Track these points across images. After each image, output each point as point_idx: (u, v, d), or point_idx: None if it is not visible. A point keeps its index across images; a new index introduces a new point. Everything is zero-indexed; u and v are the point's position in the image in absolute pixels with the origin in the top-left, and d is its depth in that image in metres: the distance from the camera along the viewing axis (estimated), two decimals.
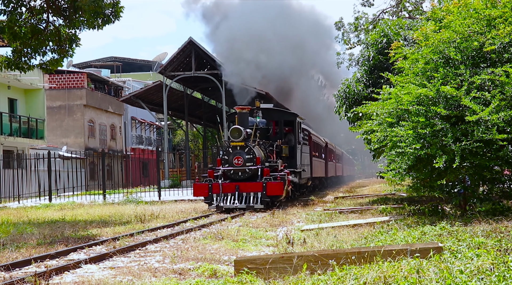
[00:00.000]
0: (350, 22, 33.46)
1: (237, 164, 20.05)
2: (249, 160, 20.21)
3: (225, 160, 20.34)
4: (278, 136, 23.73)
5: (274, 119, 24.26)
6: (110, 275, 7.79)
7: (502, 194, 12.58)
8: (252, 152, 20.24)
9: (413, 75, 12.43)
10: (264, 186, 19.70)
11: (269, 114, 24.11)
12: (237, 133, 20.21)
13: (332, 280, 6.20)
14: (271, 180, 19.79)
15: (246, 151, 20.21)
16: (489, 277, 5.75)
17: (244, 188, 19.92)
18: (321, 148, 38.49)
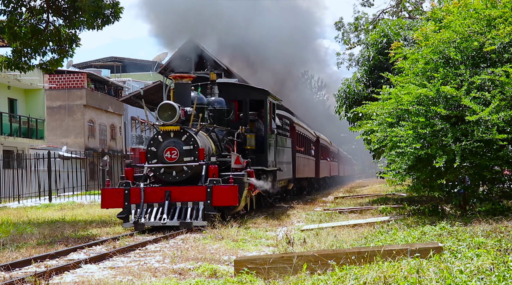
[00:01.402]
0: (350, 22, 33.51)
1: (170, 159, 14.13)
2: (187, 153, 14.15)
3: (152, 154, 14.34)
4: (242, 121, 17.84)
5: (236, 98, 18.21)
6: (110, 275, 7.79)
7: (502, 194, 12.59)
8: (192, 141, 14.19)
9: (413, 75, 12.43)
10: (209, 192, 13.58)
11: (229, 91, 18.07)
12: (169, 112, 14.10)
13: (332, 280, 6.20)
14: (220, 183, 13.79)
15: (183, 139, 14.18)
16: (489, 277, 5.75)
17: (179, 195, 13.77)
18: (310, 142, 32.22)
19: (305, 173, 28.94)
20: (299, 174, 26.26)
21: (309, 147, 31.34)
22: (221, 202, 13.72)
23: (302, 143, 28.20)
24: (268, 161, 18.22)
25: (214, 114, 16.66)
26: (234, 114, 18.05)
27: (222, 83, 18.40)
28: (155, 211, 13.63)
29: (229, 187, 13.75)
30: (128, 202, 13.87)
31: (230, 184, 13.87)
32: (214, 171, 14.10)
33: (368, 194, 27.25)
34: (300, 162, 26.78)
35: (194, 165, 14.19)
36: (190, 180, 14.27)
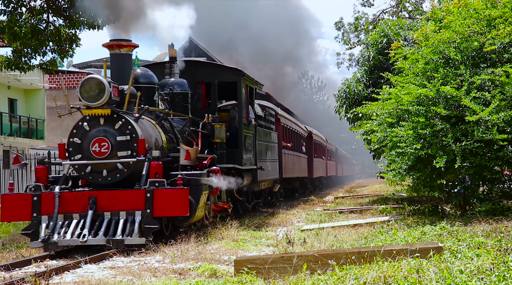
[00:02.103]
0: (350, 22, 33.52)
1: (99, 153, 10.87)
2: (123, 146, 10.92)
3: (75, 147, 11.12)
4: (210, 108, 14.78)
5: (203, 80, 15.03)
6: (110, 275, 7.79)
7: (502, 194, 12.58)
8: (129, 129, 10.95)
9: (413, 75, 12.43)
10: (149, 198, 10.38)
11: (194, 71, 14.98)
12: (95, 90, 10.82)
13: (332, 280, 6.20)
14: (165, 186, 10.59)
15: (117, 127, 10.95)
16: (489, 277, 5.75)
17: (108, 202, 10.51)
18: (301, 138, 29.10)
19: (295, 172, 25.96)
20: (288, 173, 23.27)
21: (299, 143, 28.20)
22: (165, 211, 10.43)
23: (289, 138, 25.02)
24: (243, 157, 14.98)
25: (173, 98, 13.62)
26: (201, 99, 14.87)
27: (185, 62, 14.84)
28: (73, 225, 10.26)
29: (175, 191, 10.43)
30: (37, 212, 10.47)
31: (178, 187, 10.54)
32: (156, 169, 10.72)
33: (368, 194, 27.25)
34: (288, 160, 23.69)
35: (132, 162, 10.85)
36: (127, 182, 10.93)
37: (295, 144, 26.83)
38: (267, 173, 18.09)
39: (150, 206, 10.38)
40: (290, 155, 24.35)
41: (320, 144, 38.34)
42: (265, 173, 17.58)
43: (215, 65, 16.45)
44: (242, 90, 15.27)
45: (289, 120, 25.72)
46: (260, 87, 18.58)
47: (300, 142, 28.99)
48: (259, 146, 16.99)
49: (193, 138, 13.50)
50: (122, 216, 10.42)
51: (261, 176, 17.18)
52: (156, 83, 12.74)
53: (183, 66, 14.70)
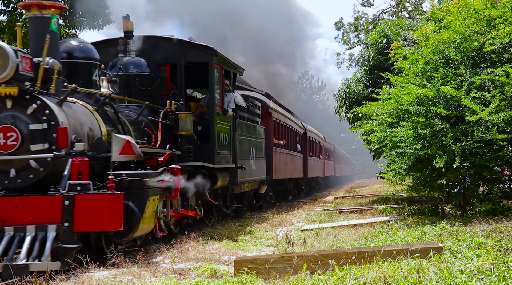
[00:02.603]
0: (350, 22, 33.57)
1: (4, 147, 8.35)
2: (36, 138, 8.41)
3: None
4: (176, 95, 12.50)
5: (167, 60, 12.70)
6: (110, 275, 7.79)
7: (502, 194, 12.59)
8: (47, 114, 8.39)
9: (413, 75, 12.44)
10: (68, 208, 7.91)
11: (157, 49, 12.65)
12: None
13: (332, 280, 6.20)
14: (91, 190, 8.09)
15: (30, 112, 8.39)
16: (489, 277, 5.75)
17: (10, 214, 7.99)
18: (296, 135, 27.11)
19: (289, 172, 23.81)
20: (278, 174, 21.21)
21: (293, 141, 26.00)
22: (90, 224, 7.94)
23: (282, 135, 22.94)
24: (215, 154, 12.79)
25: (127, 81, 11.62)
26: (165, 84, 12.59)
27: (144, 38, 12.51)
28: None
29: (104, 198, 7.94)
30: None
31: (108, 192, 8.04)
32: (80, 167, 8.12)
33: (368, 194, 27.25)
34: (280, 158, 21.64)
35: (50, 158, 8.29)
36: (45, 185, 8.35)
37: (289, 142, 24.77)
38: (251, 173, 16.06)
39: (69, 218, 7.83)
40: (282, 154, 22.31)
41: (317, 143, 36.32)
42: (247, 173, 15.48)
43: (180, 42, 13.05)
44: (214, 72, 12.93)
45: (282, 115, 23.31)
46: (240, 72, 15.79)
47: (294, 139, 26.76)
48: (240, 141, 14.81)
49: (151, 130, 11.16)
50: (30, 232, 7.78)
51: (243, 177, 14.97)
52: (96, 59, 10.19)
53: (142, 43, 12.40)
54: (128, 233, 8.51)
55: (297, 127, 27.79)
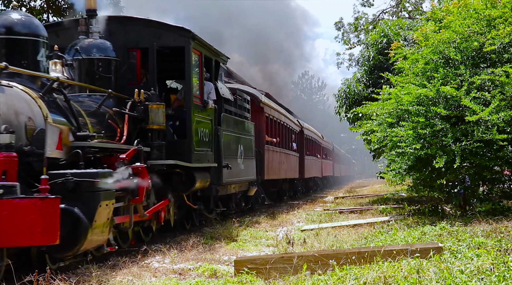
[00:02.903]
0: (350, 22, 33.57)
1: None
2: None
3: None
4: (148, 84, 11.05)
5: (138, 44, 11.18)
6: (110, 276, 7.79)
7: (502, 194, 12.59)
8: None
9: (413, 75, 12.44)
10: None
11: (126, 31, 11.16)
12: None
13: (332, 280, 6.20)
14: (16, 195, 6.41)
15: None
16: (489, 277, 5.75)
17: None
18: (291, 133, 26.00)
19: (283, 172, 22.60)
20: (271, 174, 20.12)
21: (288, 139, 24.74)
22: (15, 237, 6.37)
23: (276, 132, 21.63)
24: (193, 152, 11.28)
25: (88, 66, 10.12)
26: (135, 71, 11.12)
27: (111, 19, 10.94)
28: None
29: (32, 203, 6.40)
30: None
31: (39, 196, 6.54)
32: (3, 165, 6.60)
33: (368, 194, 27.26)
34: (273, 157, 20.44)
35: None
36: None
37: (284, 140, 23.51)
38: (239, 172, 14.66)
39: None
40: (275, 153, 21.02)
41: (315, 141, 34.92)
42: (234, 173, 14.05)
43: (151, 23, 11.45)
44: (191, 58, 11.31)
45: (276, 111, 21.68)
46: (224, 61, 14.24)
47: (290, 137, 25.41)
48: (225, 138, 13.33)
49: (116, 123, 9.69)
50: None
51: (229, 177, 13.61)
52: (42, 35, 8.48)
53: (107, 24, 10.81)
54: (73, 246, 6.98)
55: (293, 125, 26.46)
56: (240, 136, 15.15)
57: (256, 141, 17.73)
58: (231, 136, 14.15)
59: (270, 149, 20.34)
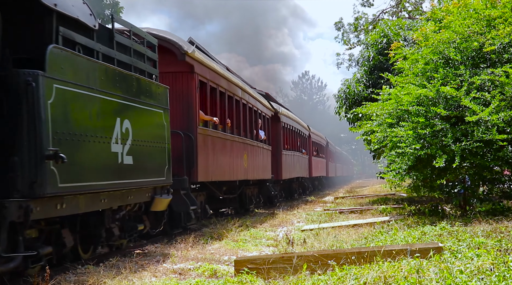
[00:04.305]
0: (350, 23, 33.59)
1: None
2: None
3: None
4: None
5: None
6: (109, 275, 7.79)
7: (502, 194, 12.58)
8: None
9: (413, 75, 12.44)
10: None
11: None
12: None
13: (332, 280, 6.20)
14: None
15: None
16: (489, 277, 5.75)
17: None
18: (256, 116, 19.38)
19: (240, 171, 16.39)
20: (216, 173, 14.04)
21: (251, 124, 18.38)
22: None
23: (223, 109, 15.12)
24: None
25: None
26: None
27: None
28: None
29: None
30: None
31: None
32: None
33: (368, 194, 27.27)
34: (215, 147, 14.01)
35: None
36: None
37: (242, 124, 17.23)
38: (113, 172, 8.22)
39: None
40: (225, 142, 14.98)
41: (299, 133, 28.37)
42: (89, 173, 7.56)
43: None
44: None
45: (223, 78, 14.99)
46: None
47: (255, 122, 19.27)
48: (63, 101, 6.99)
49: None
50: None
51: (72, 179, 7.10)
52: None
53: None
54: None
55: (259, 106, 19.90)
56: (123, 102, 8.64)
57: (179, 120, 12.41)
58: (84, 99, 7.54)
59: (210, 134, 13.67)
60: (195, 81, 13.01)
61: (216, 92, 14.80)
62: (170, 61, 12.42)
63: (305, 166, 30.22)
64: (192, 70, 12.95)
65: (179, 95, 12.73)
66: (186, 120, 12.72)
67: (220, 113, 15.08)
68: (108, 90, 8.29)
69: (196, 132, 12.83)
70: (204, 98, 13.80)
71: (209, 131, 13.81)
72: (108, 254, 9.60)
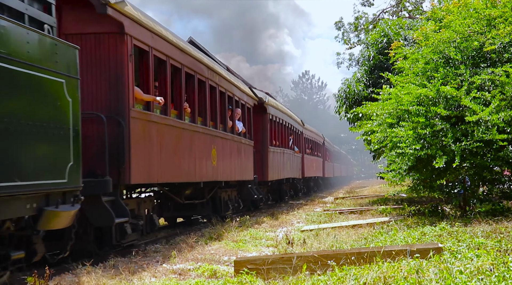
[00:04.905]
0: (350, 22, 33.59)
1: None
2: None
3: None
4: None
5: None
6: (109, 275, 7.78)
7: (502, 195, 12.58)
8: None
9: (413, 75, 12.43)
10: None
11: None
12: None
13: (332, 280, 6.19)
14: None
15: None
16: (489, 277, 5.74)
17: None
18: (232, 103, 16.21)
19: (196, 172, 12.50)
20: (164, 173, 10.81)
21: (219, 111, 14.59)
22: None
23: (178, 89, 11.88)
24: None
25: None
26: None
27: None
28: None
29: None
30: None
31: None
32: None
33: (368, 194, 27.26)
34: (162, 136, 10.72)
35: None
36: None
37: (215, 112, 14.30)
38: None
39: None
40: (174, 130, 11.39)
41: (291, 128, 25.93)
42: None
43: None
44: None
45: (177, 48, 11.61)
46: None
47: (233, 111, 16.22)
48: None
49: None
50: None
51: None
52: None
53: None
54: None
55: (238, 93, 16.73)
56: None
57: (102, 99, 9.43)
58: None
59: (155, 121, 10.49)
60: (126, 45, 9.58)
61: (166, 66, 11.26)
62: (91, 18, 9.39)
63: (297, 165, 27.17)
64: (121, 30, 9.54)
65: (102, 64, 9.48)
66: (112, 99, 9.43)
67: (176, 95, 11.85)
68: None
69: (128, 116, 9.46)
70: (145, 71, 10.42)
71: (153, 116, 10.46)
72: (108, 254, 9.58)
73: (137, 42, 10.02)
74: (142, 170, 9.93)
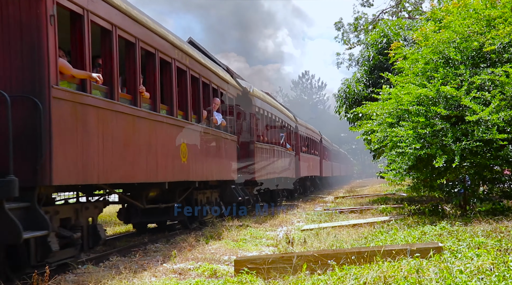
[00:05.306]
0: (349, 23, 33.62)
1: None
2: None
3: None
4: None
5: None
6: (109, 275, 7.79)
7: (502, 194, 12.58)
8: None
9: (413, 75, 12.44)
10: None
11: None
12: None
13: (332, 280, 6.19)
14: None
15: None
16: (489, 277, 5.75)
17: None
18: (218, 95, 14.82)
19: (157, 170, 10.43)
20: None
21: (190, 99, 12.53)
22: None
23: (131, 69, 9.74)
24: None
25: None
26: None
27: None
28: None
29: None
30: None
31: None
32: None
33: (368, 194, 27.26)
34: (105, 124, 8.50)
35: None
36: None
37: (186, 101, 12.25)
38: None
39: None
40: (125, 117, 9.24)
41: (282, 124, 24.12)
42: None
43: None
44: None
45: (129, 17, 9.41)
46: None
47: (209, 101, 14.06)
48: None
49: None
50: None
51: None
52: None
53: None
54: None
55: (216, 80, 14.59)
56: None
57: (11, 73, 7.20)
58: None
59: (93, 104, 8.27)
60: (44, 2, 7.21)
61: (112, 38, 8.94)
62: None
63: (291, 164, 25.06)
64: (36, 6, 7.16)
65: (11, 27, 7.17)
66: (26, 74, 7.16)
67: (129, 76, 9.83)
68: None
69: (49, 96, 7.20)
70: (79, 41, 8.11)
71: (91, 99, 8.20)
72: (109, 254, 9.58)
73: (64, 1, 7.60)
74: (71, 168, 7.59)
